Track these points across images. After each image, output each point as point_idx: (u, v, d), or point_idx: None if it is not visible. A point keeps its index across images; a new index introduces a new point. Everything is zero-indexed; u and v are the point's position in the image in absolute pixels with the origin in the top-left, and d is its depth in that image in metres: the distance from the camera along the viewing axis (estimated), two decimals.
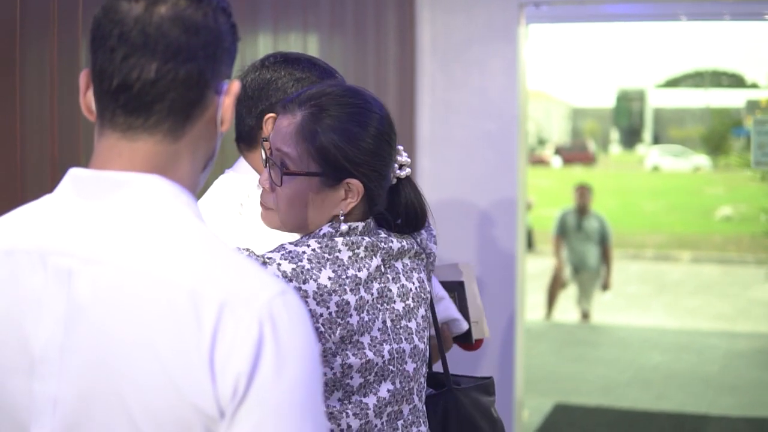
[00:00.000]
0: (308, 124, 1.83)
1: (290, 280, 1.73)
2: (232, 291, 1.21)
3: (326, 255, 1.80)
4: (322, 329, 1.75)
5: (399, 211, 1.94)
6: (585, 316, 10.52)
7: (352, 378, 1.80)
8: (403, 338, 1.88)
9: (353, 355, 1.79)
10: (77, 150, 2.39)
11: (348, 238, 1.83)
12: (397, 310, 1.88)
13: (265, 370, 1.19)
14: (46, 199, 1.35)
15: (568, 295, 11.15)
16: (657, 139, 59.58)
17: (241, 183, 2.39)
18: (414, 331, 1.90)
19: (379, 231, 1.91)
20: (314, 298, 1.75)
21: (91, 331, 1.23)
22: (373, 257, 1.85)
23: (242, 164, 2.42)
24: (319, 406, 1.24)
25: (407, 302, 1.90)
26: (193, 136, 1.34)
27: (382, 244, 1.88)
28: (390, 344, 1.85)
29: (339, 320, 1.77)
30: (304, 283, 1.74)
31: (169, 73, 1.28)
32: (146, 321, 1.21)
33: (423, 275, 1.97)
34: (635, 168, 44.90)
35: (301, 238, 1.85)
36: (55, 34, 2.31)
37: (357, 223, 1.85)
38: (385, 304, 1.86)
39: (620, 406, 6.90)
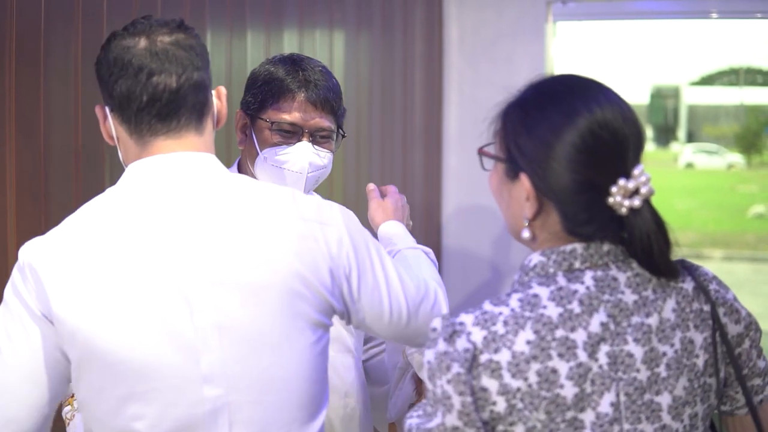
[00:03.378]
0: (506, 104, 1.59)
1: (481, 352, 1.42)
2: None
3: (526, 313, 1.44)
4: (521, 405, 1.41)
5: (632, 248, 1.50)
6: None
7: None
8: (643, 417, 1.46)
9: None
10: (100, 141, 2.43)
11: (556, 291, 1.47)
12: (639, 380, 1.46)
13: (353, 249, 1.72)
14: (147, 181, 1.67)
15: None
16: (691, 137, 59.08)
17: None
18: (666, 407, 1.48)
19: (631, 262, 1.52)
20: (509, 370, 1.41)
21: (226, 253, 1.60)
22: (594, 313, 1.46)
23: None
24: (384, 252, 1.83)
25: (656, 370, 1.47)
26: (207, 131, 1.72)
27: (606, 295, 1.47)
28: (620, 424, 1.45)
29: (544, 393, 1.41)
30: (495, 352, 1.42)
31: (186, 81, 1.64)
32: (267, 232, 1.63)
33: (695, 334, 1.52)
34: (669, 165, 44.60)
35: (506, 291, 1.51)
36: (80, 26, 2.34)
37: (572, 246, 1.50)
38: (620, 373, 1.45)
39: None
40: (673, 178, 36.29)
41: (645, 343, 1.47)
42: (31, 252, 1.63)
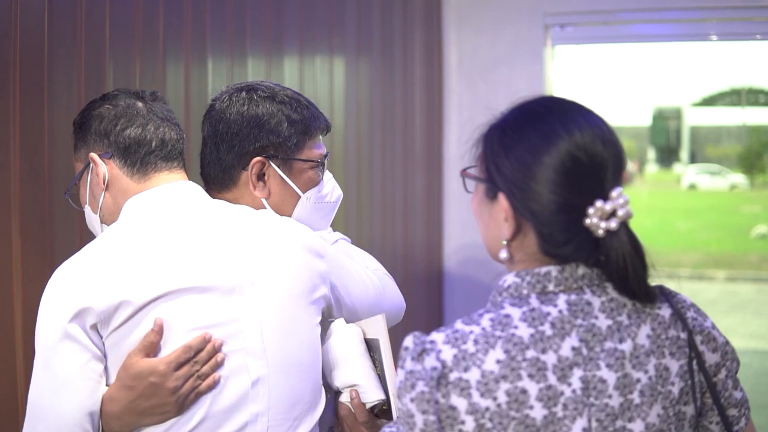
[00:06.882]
0: (487, 125, 1.58)
1: (450, 370, 1.41)
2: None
3: (497, 332, 1.43)
4: (489, 425, 1.39)
5: (608, 271, 1.48)
6: None
7: None
8: None
9: None
10: None
11: (528, 312, 1.45)
12: (611, 406, 1.43)
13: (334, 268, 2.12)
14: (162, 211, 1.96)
15: None
16: (694, 158, 59.05)
17: None
18: None
19: (606, 287, 1.49)
20: (478, 389, 1.40)
21: (250, 261, 1.93)
22: (565, 337, 1.44)
23: None
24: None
25: (629, 396, 1.44)
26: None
27: (579, 320, 1.45)
28: None
29: (513, 413, 1.39)
30: (465, 371, 1.41)
31: (180, 132, 2.04)
32: (274, 252, 1.96)
33: (670, 362, 1.49)
34: (672, 187, 44.59)
35: (478, 311, 1.50)
36: (83, 56, 2.37)
37: (546, 268, 1.49)
38: (592, 398, 1.43)
39: None
40: (676, 199, 36.29)
41: (618, 369, 1.44)
42: (84, 295, 1.80)
